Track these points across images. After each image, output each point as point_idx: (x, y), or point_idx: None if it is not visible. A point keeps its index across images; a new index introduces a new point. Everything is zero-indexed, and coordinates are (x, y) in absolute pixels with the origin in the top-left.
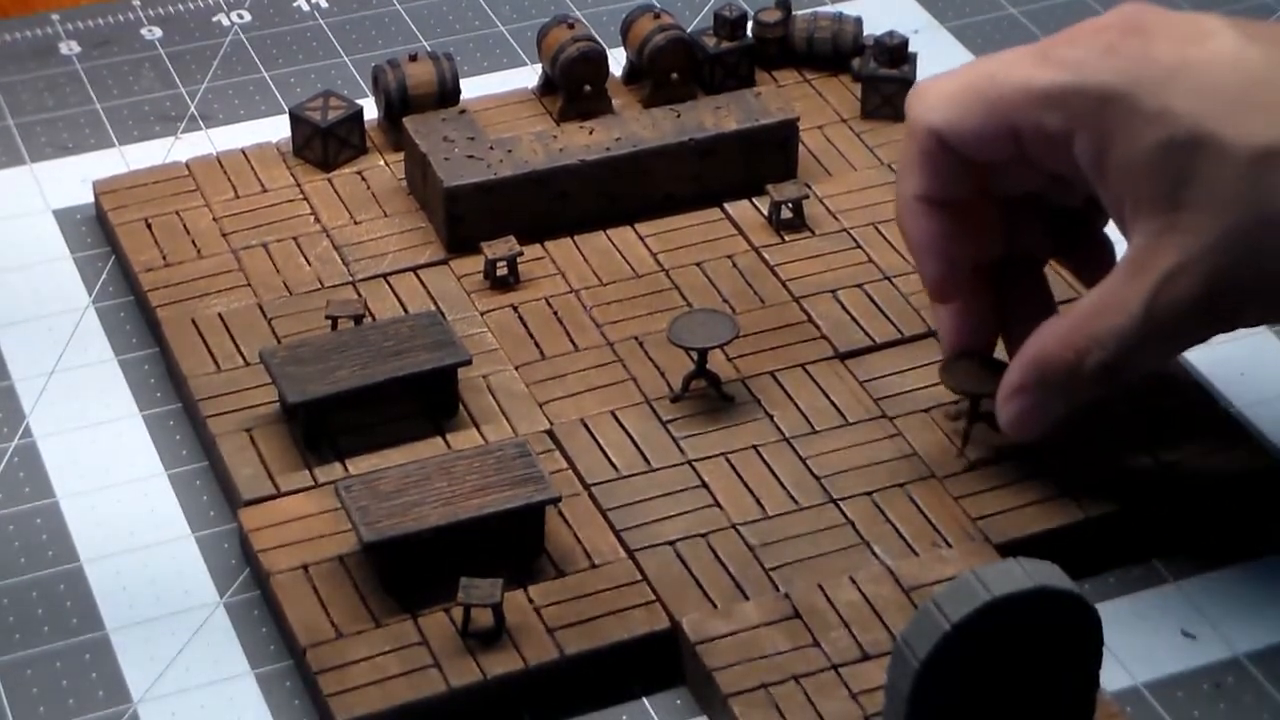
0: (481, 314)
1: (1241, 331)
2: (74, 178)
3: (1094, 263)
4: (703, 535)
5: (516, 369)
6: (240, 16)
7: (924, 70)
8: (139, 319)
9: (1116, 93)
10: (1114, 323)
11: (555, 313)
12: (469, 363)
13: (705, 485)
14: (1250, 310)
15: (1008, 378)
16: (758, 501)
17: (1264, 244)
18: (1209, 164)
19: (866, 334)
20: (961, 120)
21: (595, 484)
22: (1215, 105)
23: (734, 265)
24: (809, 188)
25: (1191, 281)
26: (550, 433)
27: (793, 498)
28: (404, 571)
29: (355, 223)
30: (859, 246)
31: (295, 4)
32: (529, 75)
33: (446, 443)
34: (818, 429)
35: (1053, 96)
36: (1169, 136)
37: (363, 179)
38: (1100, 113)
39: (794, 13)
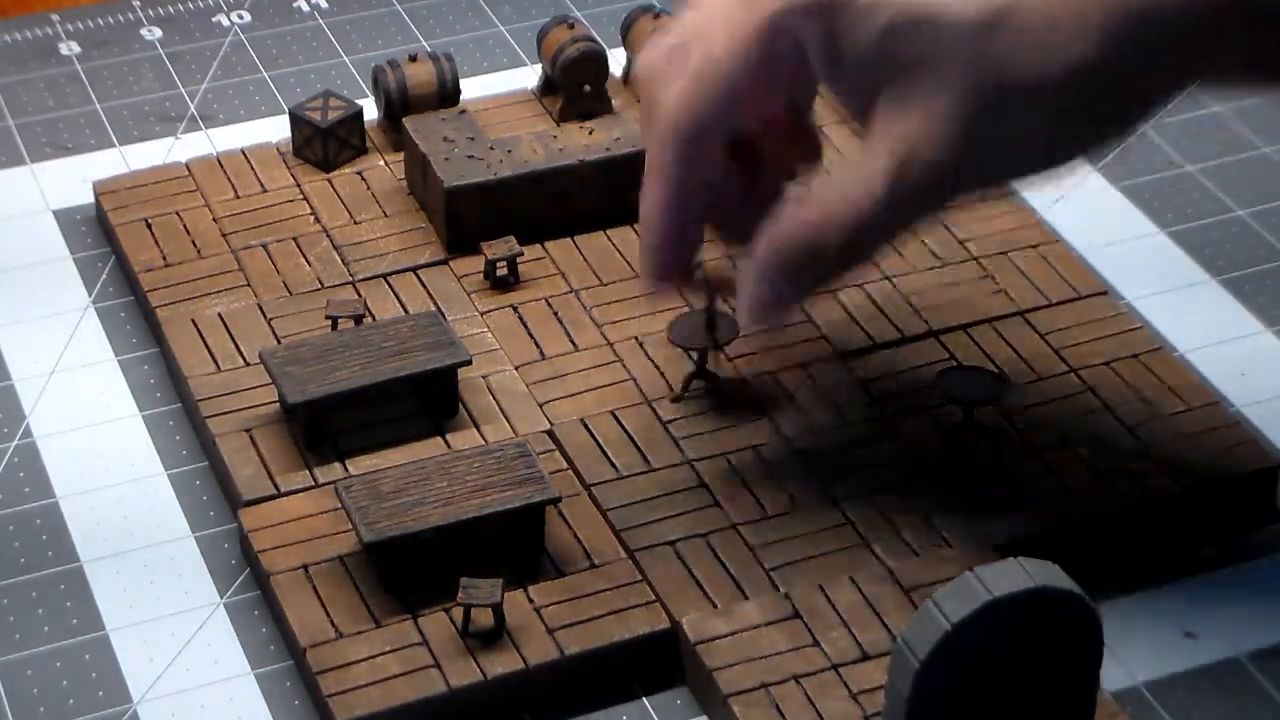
0: (481, 314)
1: (1241, 331)
2: (74, 178)
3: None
4: (703, 535)
5: (516, 369)
6: (240, 16)
7: None
8: (139, 319)
9: (825, 1)
10: (857, 197)
11: (555, 313)
12: (469, 363)
13: (705, 485)
14: (996, 168)
15: (747, 269)
16: (758, 501)
17: (1005, 101)
18: (935, 36)
19: (866, 334)
20: (710, 112)
21: (595, 484)
22: None
23: (734, 265)
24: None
25: (935, 147)
26: (550, 433)
27: (793, 498)
28: (404, 571)
29: (355, 223)
30: None
31: (295, 4)
32: (529, 75)
33: (446, 443)
34: (818, 429)
35: (777, 26)
36: (888, 21)
37: (363, 179)
38: (820, 20)
39: None
